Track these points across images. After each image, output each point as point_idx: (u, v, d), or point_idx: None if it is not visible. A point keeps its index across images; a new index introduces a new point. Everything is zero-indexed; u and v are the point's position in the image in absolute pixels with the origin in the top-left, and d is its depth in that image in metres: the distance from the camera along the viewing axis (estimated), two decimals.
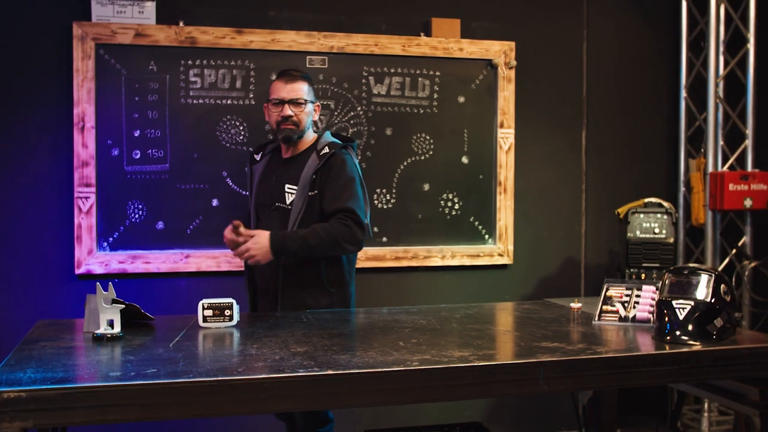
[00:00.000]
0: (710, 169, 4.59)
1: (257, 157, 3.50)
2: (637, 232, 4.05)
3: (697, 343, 2.47)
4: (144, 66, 4.06)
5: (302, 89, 3.31)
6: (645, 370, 2.35)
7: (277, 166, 3.39)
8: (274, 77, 3.64)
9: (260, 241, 3.13)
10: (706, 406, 4.61)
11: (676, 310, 2.53)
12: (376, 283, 4.42)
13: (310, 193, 3.23)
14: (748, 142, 4.66)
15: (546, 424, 4.73)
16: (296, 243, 3.13)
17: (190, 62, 4.12)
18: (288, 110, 3.26)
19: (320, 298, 3.25)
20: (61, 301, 3.99)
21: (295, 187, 3.25)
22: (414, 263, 4.45)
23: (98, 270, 4.01)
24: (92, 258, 4.01)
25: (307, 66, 4.26)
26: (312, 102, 3.36)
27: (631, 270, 4.02)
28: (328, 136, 3.39)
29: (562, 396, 4.53)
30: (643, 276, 3.97)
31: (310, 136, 3.41)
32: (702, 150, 4.71)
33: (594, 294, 4.68)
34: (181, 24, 4.09)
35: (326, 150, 3.26)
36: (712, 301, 2.53)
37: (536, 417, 4.72)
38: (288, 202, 3.26)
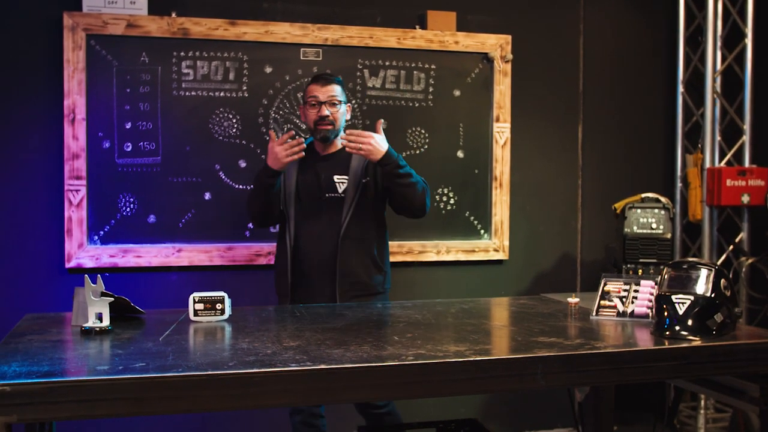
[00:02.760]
0: (707, 164, 4.56)
1: None
2: (634, 228, 4.00)
3: (697, 339, 2.43)
4: (136, 57, 4.01)
5: (336, 90, 3.49)
6: (644, 366, 2.31)
7: (316, 161, 3.53)
8: (308, 80, 4.03)
9: (382, 141, 3.36)
10: (702, 403, 4.58)
11: (676, 304, 2.49)
12: None
13: (363, 180, 3.46)
14: (746, 138, 4.63)
15: (541, 421, 4.69)
16: (403, 163, 3.39)
17: (182, 54, 4.07)
18: (325, 110, 3.44)
19: (375, 276, 3.50)
20: (51, 295, 3.94)
21: (345, 177, 3.46)
22: (409, 258, 4.40)
23: (89, 264, 3.96)
24: (83, 252, 3.95)
25: (301, 58, 4.22)
26: (345, 103, 3.54)
27: (628, 266, 3.97)
28: None
29: (558, 393, 4.50)
30: (640, 272, 3.93)
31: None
32: (699, 145, 4.68)
33: (590, 289, 4.64)
34: (173, 15, 4.03)
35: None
36: (712, 296, 2.49)
37: (532, 414, 4.68)
38: (341, 191, 3.47)
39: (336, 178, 3.47)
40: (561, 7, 4.71)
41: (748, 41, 4.59)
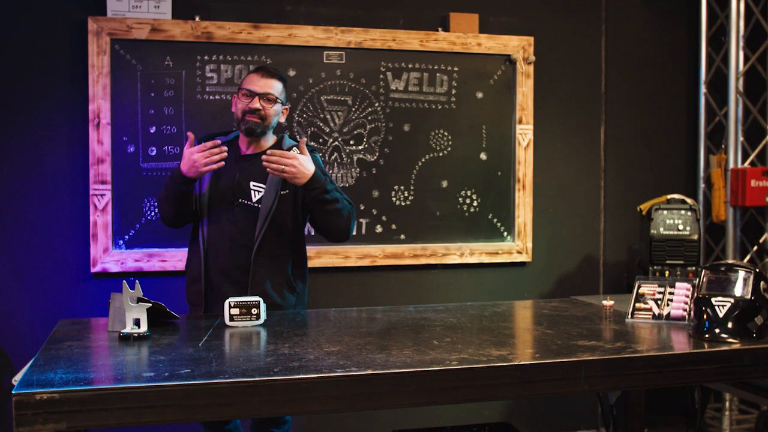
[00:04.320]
0: (731, 165, 4.54)
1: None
2: (661, 229, 4.00)
3: (737, 341, 2.42)
4: (160, 61, 4.01)
5: (275, 87, 3.18)
6: (686, 369, 2.30)
7: (235, 162, 3.22)
8: (251, 69, 3.79)
9: (307, 163, 3.03)
10: (727, 404, 4.56)
11: (716, 307, 2.48)
12: (395, 281, 4.37)
13: (282, 192, 3.15)
14: None
15: (565, 424, 4.68)
16: (330, 187, 3.09)
17: (206, 57, 4.06)
18: (257, 103, 3.13)
19: (287, 296, 3.19)
20: (77, 299, 3.94)
21: (261, 185, 3.16)
22: (432, 261, 4.39)
23: (114, 268, 3.96)
24: (108, 256, 3.95)
25: (325, 61, 4.21)
26: (282, 103, 3.23)
27: (655, 267, 3.97)
28: (290, 140, 3.30)
29: (581, 394, 4.48)
30: (667, 273, 3.92)
31: (271, 138, 3.29)
32: (722, 146, 4.66)
33: (612, 291, 4.64)
34: (197, 19, 4.03)
35: (296, 151, 3.12)
36: (752, 298, 2.48)
37: (554, 416, 4.67)
38: (255, 199, 3.17)
39: (252, 184, 3.16)
40: (583, 9, 4.69)
41: None
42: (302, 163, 3.00)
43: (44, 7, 3.91)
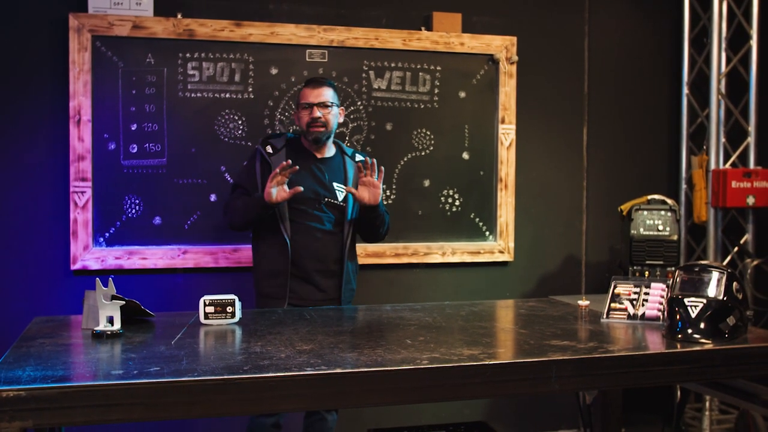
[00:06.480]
0: (712, 166, 4.55)
1: (271, 150, 3.53)
2: (641, 230, 4.01)
3: (709, 342, 2.43)
4: (141, 59, 4.00)
5: (327, 94, 3.50)
6: (657, 370, 2.30)
7: (313, 164, 3.53)
8: (302, 84, 4.04)
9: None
10: (707, 404, 4.58)
11: (688, 307, 2.48)
12: (376, 280, 4.37)
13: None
14: (751, 140, 4.63)
15: (545, 423, 4.69)
16: (383, 210, 3.58)
17: (188, 55, 4.05)
18: (317, 112, 3.45)
19: (355, 278, 3.65)
20: (57, 297, 3.93)
21: (342, 186, 3.54)
22: (414, 260, 4.40)
23: (94, 266, 3.95)
24: (88, 254, 3.94)
25: (307, 60, 4.21)
26: (338, 105, 3.56)
27: (635, 267, 3.97)
28: (344, 146, 3.69)
29: (562, 394, 4.49)
30: (646, 273, 3.93)
31: (332, 146, 3.63)
32: (704, 147, 4.67)
33: (594, 291, 4.65)
34: (179, 16, 4.02)
35: (360, 157, 3.61)
36: (725, 299, 2.48)
37: (535, 416, 4.68)
38: (341, 198, 3.53)
39: (335, 185, 3.53)
40: (566, 9, 4.70)
41: (753, 42, 4.59)
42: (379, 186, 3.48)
43: (25, 3, 3.89)
